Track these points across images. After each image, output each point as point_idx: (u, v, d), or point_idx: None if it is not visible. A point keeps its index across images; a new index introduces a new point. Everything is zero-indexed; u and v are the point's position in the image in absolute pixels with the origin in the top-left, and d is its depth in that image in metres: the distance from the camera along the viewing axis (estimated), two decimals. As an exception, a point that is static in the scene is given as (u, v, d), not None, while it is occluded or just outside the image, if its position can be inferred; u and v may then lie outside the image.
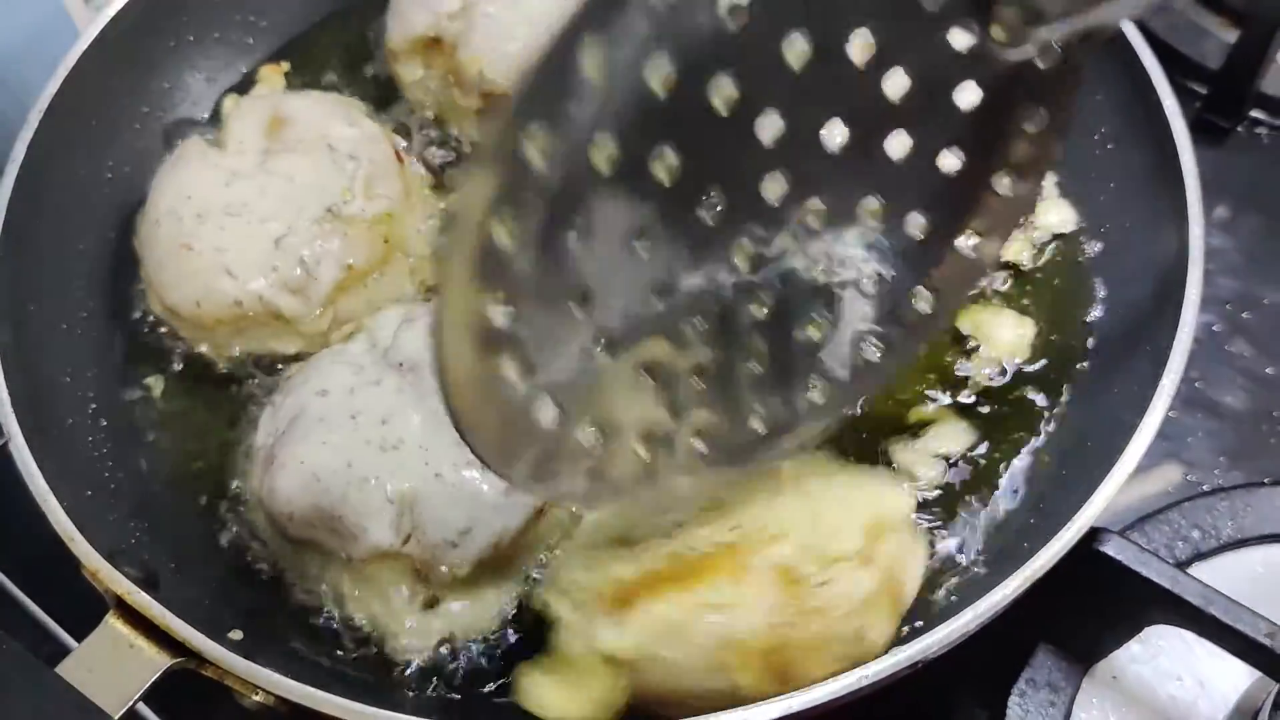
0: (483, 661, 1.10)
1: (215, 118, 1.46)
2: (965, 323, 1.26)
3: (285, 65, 1.52)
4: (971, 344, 1.26)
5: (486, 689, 1.09)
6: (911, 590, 1.06)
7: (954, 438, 1.21)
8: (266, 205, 1.26)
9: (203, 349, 1.28)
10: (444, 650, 1.10)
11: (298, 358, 1.26)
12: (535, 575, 1.13)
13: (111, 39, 1.36)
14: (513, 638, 1.11)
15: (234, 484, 1.21)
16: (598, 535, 1.08)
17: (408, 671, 1.10)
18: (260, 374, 1.27)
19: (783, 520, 1.00)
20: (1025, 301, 1.30)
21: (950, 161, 0.90)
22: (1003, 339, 1.26)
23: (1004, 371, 1.25)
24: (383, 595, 1.11)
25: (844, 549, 0.98)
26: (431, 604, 1.11)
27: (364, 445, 1.10)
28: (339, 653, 1.11)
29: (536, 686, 1.02)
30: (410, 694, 1.09)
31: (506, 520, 1.09)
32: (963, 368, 1.25)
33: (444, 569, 1.09)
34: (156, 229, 1.28)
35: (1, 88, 1.44)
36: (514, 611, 1.12)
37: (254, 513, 1.17)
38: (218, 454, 1.23)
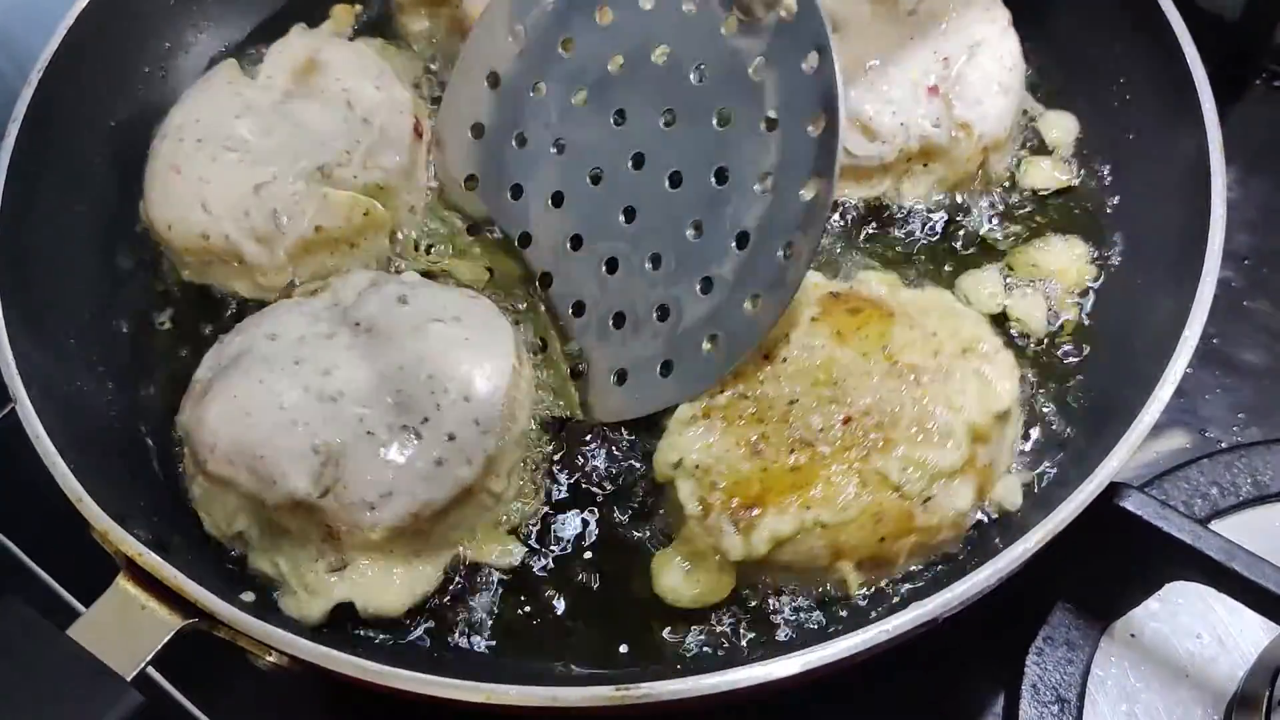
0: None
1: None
2: (1022, 266, 1.25)
3: (358, 7, 1.51)
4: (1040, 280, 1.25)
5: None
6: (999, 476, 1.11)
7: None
8: (265, 147, 1.25)
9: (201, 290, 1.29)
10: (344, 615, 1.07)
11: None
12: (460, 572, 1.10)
13: (110, -1, 1.34)
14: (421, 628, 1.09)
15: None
16: (711, 403, 1.09)
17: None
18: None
19: (893, 413, 1.05)
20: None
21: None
22: (1061, 263, 1.25)
23: (1085, 292, 1.24)
24: (287, 550, 1.08)
25: (949, 462, 1.03)
26: (337, 568, 1.07)
27: (302, 390, 1.07)
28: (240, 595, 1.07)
29: (666, 572, 1.09)
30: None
31: (431, 492, 1.05)
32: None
33: (357, 530, 1.05)
34: (161, 143, 1.28)
35: (1, 49, 1.43)
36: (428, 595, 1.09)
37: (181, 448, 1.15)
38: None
